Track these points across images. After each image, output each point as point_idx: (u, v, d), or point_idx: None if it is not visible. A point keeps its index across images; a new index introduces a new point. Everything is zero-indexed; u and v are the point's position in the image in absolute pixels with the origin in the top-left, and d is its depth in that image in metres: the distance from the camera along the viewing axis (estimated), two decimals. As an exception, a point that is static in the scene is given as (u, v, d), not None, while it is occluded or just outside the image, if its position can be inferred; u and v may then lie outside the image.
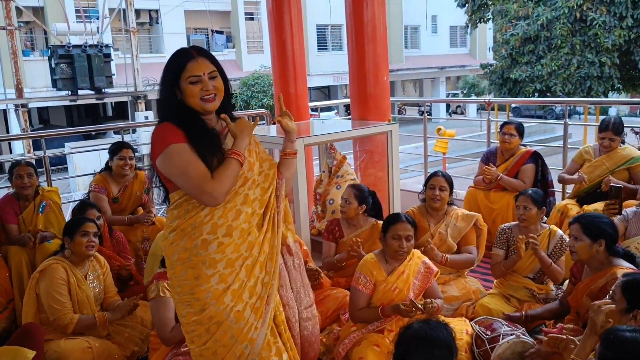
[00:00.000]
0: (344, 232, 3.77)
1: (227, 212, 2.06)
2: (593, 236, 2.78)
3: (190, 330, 2.11)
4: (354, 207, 3.69)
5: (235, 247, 2.07)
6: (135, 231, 4.24)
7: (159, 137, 1.99)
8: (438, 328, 1.99)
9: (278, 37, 5.37)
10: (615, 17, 12.81)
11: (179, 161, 1.95)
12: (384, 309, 2.86)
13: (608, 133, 4.16)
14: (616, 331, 1.71)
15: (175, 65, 2.04)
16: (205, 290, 2.03)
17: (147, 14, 23.28)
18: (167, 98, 2.07)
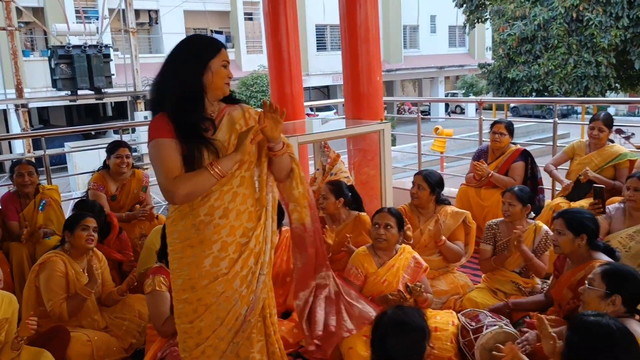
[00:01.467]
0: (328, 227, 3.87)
1: (223, 195, 2.16)
2: (575, 231, 2.88)
3: (179, 307, 2.22)
4: (331, 202, 3.81)
5: (231, 229, 2.17)
6: (133, 228, 4.33)
7: (150, 128, 2.11)
8: (411, 313, 2.10)
9: (274, 38, 5.47)
10: (611, 17, 12.90)
11: (156, 156, 2.07)
12: (373, 299, 2.96)
13: (598, 122, 4.29)
14: (582, 316, 1.80)
15: (213, 48, 2.16)
16: (198, 271, 2.15)
17: (146, 14, 23.39)
18: (190, 76, 2.11)
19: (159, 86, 2.17)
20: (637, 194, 3.36)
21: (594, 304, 2.29)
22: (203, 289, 2.16)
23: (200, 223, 2.13)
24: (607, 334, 1.70)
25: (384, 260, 3.12)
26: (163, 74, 2.16)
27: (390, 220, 3.11)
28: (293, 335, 3.29)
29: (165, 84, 2.14)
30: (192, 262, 2.15)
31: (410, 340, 2.01)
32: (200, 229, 2.13)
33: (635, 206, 3.40)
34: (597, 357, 1.66)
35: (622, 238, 3.40)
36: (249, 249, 2.21)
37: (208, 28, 24.20)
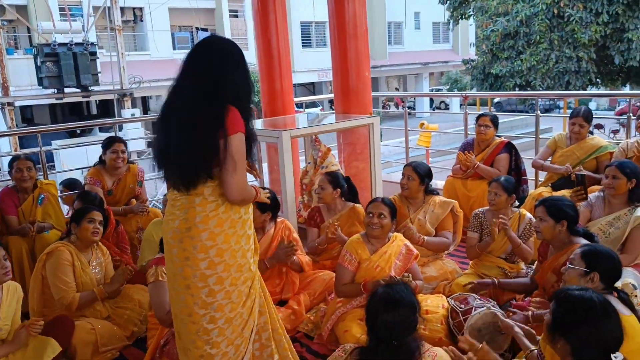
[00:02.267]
0: (324, 217, 4.03)
1: None
2: (556, 217, 3.03)
3: (229, 292, 2.27)
4: (329, 192, 3.95)
5: (253, 208, 2.43)
6: (129, 221, 4.43)
7: (236, 121, 2.17)
8: (400, 289, 2.24)
9: (264, 35, 5.57)
10: (592, 13, 13.17)
11: (242, 151, 2.18)
12: (366, 284, 3.11)
13: (578, 119, 4.44)
14: (566, 290, 1.95)
15: (238, 50, 2.31)
16: (248, 250, 2.31)
17: (131, 11, 23.28)
18: (243, 78, 2.26)
19: (230, 81, 2.22)
20: (615, 182, 3.49)
21: (574, 282, 2.44)
22: (247, 273, 2.33)
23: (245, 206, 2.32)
24: (590, 305, 1.84)
25: (377, 248, 3.25)
26: (234, 71, 2.24)
27: (383, 209, 3.24)
28: (290, 321, 3.42)
29: (238, 82, 2.24)
30: (238, 248, 2.28)
31: (401, 314, 2.14)
32: (246, 211, 2.32)
33: (613, 193, 3.52)
34: (580, 326, 1.80)
35: (602, 225, 3.54)
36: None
37: (193, 25, 24.16)
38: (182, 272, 2.24)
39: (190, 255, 2.21)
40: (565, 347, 1.82)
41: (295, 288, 3.68)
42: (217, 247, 2.20)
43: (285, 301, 3.63)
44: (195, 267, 2.22)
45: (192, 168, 2.17)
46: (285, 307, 3.54)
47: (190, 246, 2.20)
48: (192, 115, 2.15)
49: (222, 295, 2.24)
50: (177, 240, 2.24)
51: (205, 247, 2.20)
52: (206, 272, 2.22)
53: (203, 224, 2.19)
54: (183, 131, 2.16)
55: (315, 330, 3.40)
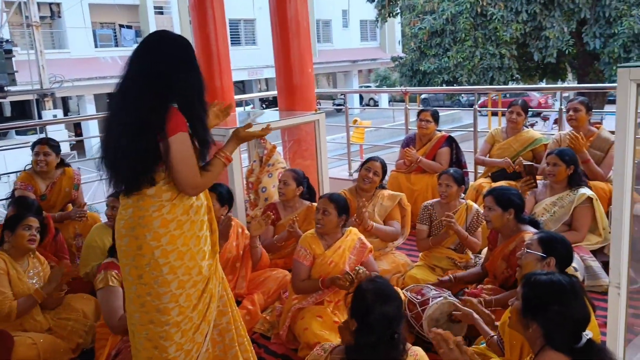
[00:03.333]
0: (280, 215, 3.98)
1: None
2: (504, 206, 3.16)
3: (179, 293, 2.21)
4: (292, 189, 3.91)
5: (206, 208, 2.33)
6: (66, 228, 4.19)
7: (174, 121, 2.09)
8: (387, 284, 2.24)
9: (202, 31, 5.43)
10: (512, 12, 13.77)
11: (185, 150, 2.11)
12: (324, 280, 3.10)
13: (516, 107, 4.68)
14: (534, 275, 2.02)
15: (192, 48, 2.23)
16: (198, 253, 2.24)
17: (47, 7, 22.06)
18: (197, 79, 2.19)
19: (178, 80, 2.15)
20: (556, 168, 3.78)
21: (531, 266, 2.55)
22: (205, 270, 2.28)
23: (197, 208, 2.25)
24: (559, 287, 1.92)
25: (331, 243, 3.25)
26: (181, 70, 2.16)
27: (328, 205, 3.23)
28: (245, 322, 3.33)
29: (186, 80, 2.16)
30: (195, 245, 2.24)
31: (396, 306, 2.13)
32: (197, 214, 2.25)
33: (555, 180, 3.82)
34: (552, 308, 1.87)
35: (547, 205, 3.82)
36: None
37: (116, 22, 23.25)
38: (129, 272, 2.21)
39: (135, 255, 2.17)
40: (537, 331, 1.88)
41: (246, 283, 3.62)
42: (162, 248, 2.15)
43: (239, 300, 3.56)
44: (140, 267, 2.17)
45: (131, 173, 2.13)
46: (239, 307, 3.46)
47: (135, 246, 2.16)
48: (132, 119, 2.09)
49: (168, 298, 2.18)
50: (123, 241, 2.20)
51: (149, 247, 2.15)
52: (152, 273, 2.16)
53: (146, 224, 2.14)
54: (122, 135, 2.10)
55: (272, 330, 3.35)
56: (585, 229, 3.74)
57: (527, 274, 2.06)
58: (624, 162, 2.18)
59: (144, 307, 2.21)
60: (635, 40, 12.47)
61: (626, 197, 2.24)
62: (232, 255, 3.58)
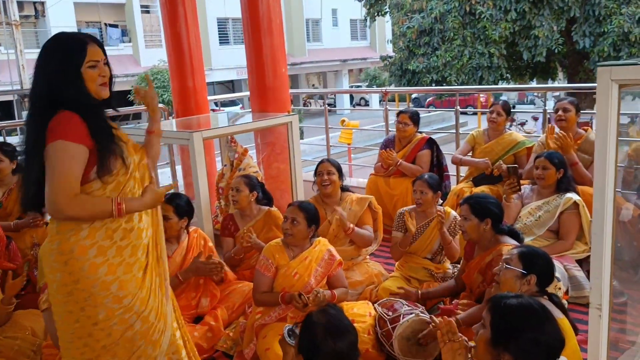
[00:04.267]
0: (238, 225, 3.75)
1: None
2: (480, 215, 2.97)
3: (100, 328, 1.99)
4: (245, 195, 3.69)
5: (138, 231, 2.07)
6: (23, 237, 3.94)
7: (56, 125, 1.88)
8: (340, 316, 2.01)
9: (172, 30, 5.22)
10: (501, 10, 13.60)
11: (58, 162, 1.85)
12: (284, 296, 2.90)
13: (497, 107, 4.49)
14: (502, 299, 1.82)
15: (78, 49, 1.96)
16: (129, 281, 2.00)
17: (31, 6, 21.73)
18: (70, 84, 1.94)
19: (57, 82, 1.95)
20: (545, 172, 3.62)
21: (510, 283, 2.35)
22: (137, 298, 2.04)
23: (124, 231, 2.01)
24: (530, 311, 1.73)
25: (297, 253, 3.05)
26: (58, 70, 1.96)
27: (297, 214, 3.02)
28: (207, 339, 3.15)
29: (58, 90, 1.95)
30: (123, 273, 2.00)
31: (347, 345, 1.91)
32: (123, 238, 2.00)
33: (543, 184, 3.66)
34: (523, 335, 1.69)
35: (532, 209, 3.67)
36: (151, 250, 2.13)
37: (102, 21, 22.92)
38: (54, 302, 2.05)
39: (57, 283, 1.99)
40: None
41: (216, 301, 3.40)
42: (85, 278, 1.96)
43: (201, 317, 3.34)
44: (63, 295, 1.98)
45: (24, 192, 1.99)
46: (201, 323, 3.25)
47: (54, 274, 1.98)
48: (26, 127, 1.96)
49: (99, 328, 1.99)
50: (46, 267, 2.03)
51: (68, 277, 1.96)
52: (75, 302, 1.98)
53: (63, 251, 1.95)
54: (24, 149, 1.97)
55: (235, 348, 3.13)
56: (573, 236, 3.56)
57: (493, 299, 1.85)
58: (605, 171, 1.97)
59: (74, 333, 2.02)
60: (625, 39, 12.33)
61: (607, 207, 2.03)
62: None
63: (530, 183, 3.99)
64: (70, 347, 2.05)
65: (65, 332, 2.04)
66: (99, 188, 1.96)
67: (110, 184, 1.98)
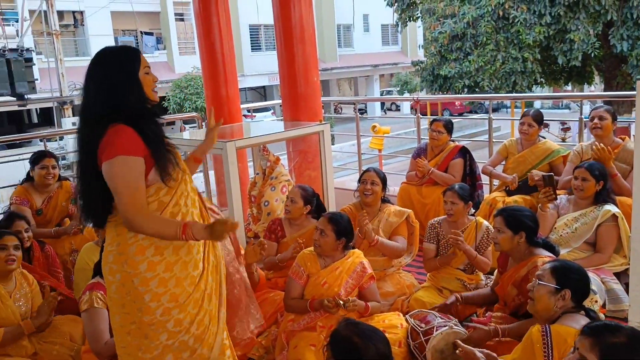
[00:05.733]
0: (285, 232, 3.76)
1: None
2: (514, 228, 2.91)
3: (156, 330, 2.06)
4: (299, 207, 3.69)
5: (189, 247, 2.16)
6: (62, 243, 4.06)
7: (114, 140, 1.94)
8: (365, 324, 2.02)
9: (207, 38, 5.31)
10: (535, 14, 13.39)
11: (124, 177, 1.93)
12: (312, 302, 2.92)
13: (528, 118, 4.38)
14: (606, 331, 1.73)
15: (133, 57, 2.05)
16: (185, 278, 2.08)
17: (71, 15, 22.36)
18: (132, 91, 2.01)
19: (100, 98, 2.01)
20: (585, 183, 3.52)
21: (545, 299, 2.30)
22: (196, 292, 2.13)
23: None
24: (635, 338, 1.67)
25: (328, 263, 3.06)
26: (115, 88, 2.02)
27: (326, 226, 3.03)
28: (240, 347, 3.17)
29: (125, 92, 2.01)
30: (181, 269, 2.09)
31: (385, 345, 1.94)
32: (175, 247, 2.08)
33: (582, 195, 3.56)
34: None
35: (568, 220, 3.58)
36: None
37: (138, 29, 23.43)
38: (112, 302, 2.13)
39: (116, 284, 2.07)
40: None
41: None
42: (141, 276, 2.02)
43: (234, 325, 3.37)
44: (121, 297, 2.07)
45: (83, 203, 2.06)
46: (234, 332, 3.29)
47: (114, 275, 2.07)
48: (78, 139, 2.04)
49: (154, 326, 2.07)
50: (105, 269, 2.10)
51: (127, 275, 2.03)
52: (133, 302, 2.05)
53: (122, 251, 2.03)
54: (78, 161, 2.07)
55: (267, 356, 3.15)
56: (610, 249, 3.46)
57: (594, 333, 1.75)
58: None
59: (129, 335, 2.10)
60: (665, 42, 12.01)
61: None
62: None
63: (566, 193, 3.90)
64: (123, 352, 2.13)
65: (121, 335, 2.11)
66: (152, 194, 2.03)
67: (163, 189, 2.05)
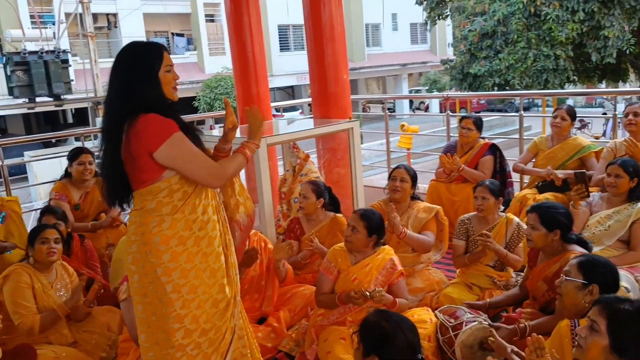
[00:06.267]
0: (304, 229, 3.83)
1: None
2: (549, 226, 2.88)
3: (174, 324, 2.11)
4: (312, 202, 3.76)
5: (214, 223, 2.20)
6: (99, 237, 4.19)
7: (157, 127, 2.01)
8: (395, 313, 2.06)
9: (238, 39, 5.39)
10: (568, 11, 13.18)
11: (185, 147, 2.06)
12: (340, 296, 2.95)
13: (561, 111, 4.36)
14: (615, 303, 1.81)
15: (156, 55, 2.12)
16: (204, 270, 2.14)
17: (104, 18, 22.87)
18: (151, 87, 2.09)
19: (124, 89, 2.09)
20: (618, 180, 3.47)
21: (572, 294, 2.30)
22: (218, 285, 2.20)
23: (201, 222, 2.14)
24: None
25: (359, 259, 3.09)
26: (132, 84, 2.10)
27: (358, 223, 3.05)
28: (270, 339, 3.24)
29: (139, 94, 2.09)
30: (204, 260, 2.15)
31: (413, 333, 2.00)
32: (201, 228, 2.14)
33: (615, 192, 3.51)
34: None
35: (601, 218, 3.53)
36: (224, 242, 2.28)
37: (169, 31, 23.82)
38: (135, 291, 2.19)
39: (139, 273, 2.13)
40: None
41: (273, 302, 3.50)
42: (164, 266, 2.07)
43: (265, 318, 3.44)
44: (144, 286, 2.13)
45: (109, 187, 2.16)
46: (264, 324, 3.36)
47: (138, 264, 2.12)
48: (104, 124, 2.15)
49: (173, 319, 2.10)
50: (128, 258, 2.15)
51: (151, 265, 2.08)
52: (155, 292, 2.10)
53: (147, 241, 2.07)
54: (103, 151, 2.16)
55: (297, 349, 3.21)
56: None
57: (604, 303, 1.84)
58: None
59: (149, 327, 2.15)
60: (703, 38, 11.69)
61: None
62: (256, 274, 3.45)
63: (599, 190, 3.86)
64: (142, 343, 2.19)
65: (142, 326, 2.17)
66: (177, 182, 2.09)
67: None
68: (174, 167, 2.06)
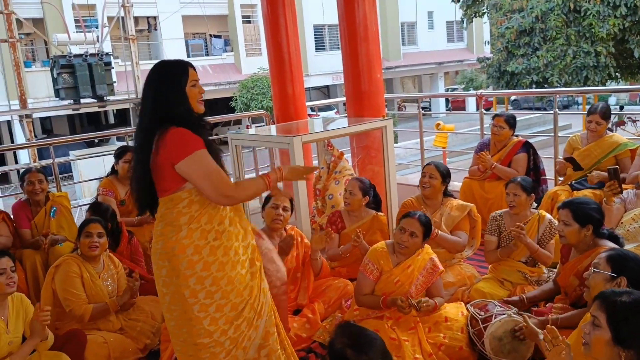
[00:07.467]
0: (345, 224, 3.93)
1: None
2: (582, 222, 2.90)
3: (194, 325, 2.25)
4: (357, 199, 3.86)
5: (229, 234, 2.29)
6: (143, 231, 4.40)
7: (183, 141, 2.15)
8: (359, 329, 2.06)
9: (274, 39, 5.53)
10: (609, 6, 12.91)
11: (207, 165, 2.16)
12: (385, 300, 3.00)
13: (595, 116, 4.32)
14: (612, 296, 1.85)
15: (182, 72, 2.26)
16: (220, 278, 2.24)
17: (145, 20, 23.49)
18: (179, 102, 2.23)
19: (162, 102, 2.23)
20: None
21: (600, 287, 2.33)
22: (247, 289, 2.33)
23: (216, 232, 2.24)
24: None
25: (401, 260, 3.13)
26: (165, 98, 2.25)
27: (417, 228, 3.08)
28: (305, 330, 3.35)
29: (171, 109, 2.22)
30: (226, 260, 2.26)
31: (380, 352, 1.94)
32: (217, 238, 2.24)
33: None
34: None
35: (636, 215, 3.52)
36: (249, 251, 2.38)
37: (207, 32, 24.27)
38: (161, 296, 2.34)
39: (162, 278, 2.28)
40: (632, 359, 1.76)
41: (309, 294, 3.61)
42: (182, 273, 2.21)
43: (300, 309, 3.56)
44: (161, 286, 2.29)
45: (136, 196, 2.32)
46: (299, 315, 3.47)
47: (161, 270, 2.26)
48: (136, 138, 2.31)
49: (198, 308, 2.23)
50: (155, 265, 2.31)
51: (172, 272, 2.22)
52: (175, 296, 2.25)
53: (166, 250, 2.21)
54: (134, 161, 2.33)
55: (331, 340, 3.31)
56: None
57: (601, 297, 1.88)
58: None
59: (174, 321, 2.30)
60: None
61: None
62: (292, 266, 3.56)
63: (635, 187, 3.83)
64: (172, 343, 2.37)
65: (168, 321, 2.33)
66: (197, 194, 2.21)
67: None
68: (190, 180, 2.18)
